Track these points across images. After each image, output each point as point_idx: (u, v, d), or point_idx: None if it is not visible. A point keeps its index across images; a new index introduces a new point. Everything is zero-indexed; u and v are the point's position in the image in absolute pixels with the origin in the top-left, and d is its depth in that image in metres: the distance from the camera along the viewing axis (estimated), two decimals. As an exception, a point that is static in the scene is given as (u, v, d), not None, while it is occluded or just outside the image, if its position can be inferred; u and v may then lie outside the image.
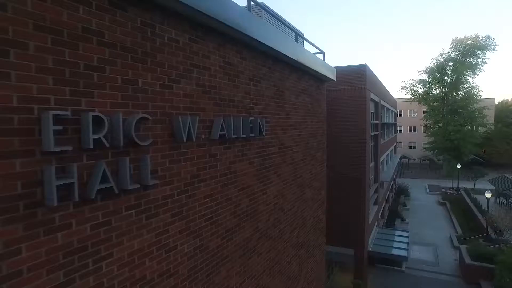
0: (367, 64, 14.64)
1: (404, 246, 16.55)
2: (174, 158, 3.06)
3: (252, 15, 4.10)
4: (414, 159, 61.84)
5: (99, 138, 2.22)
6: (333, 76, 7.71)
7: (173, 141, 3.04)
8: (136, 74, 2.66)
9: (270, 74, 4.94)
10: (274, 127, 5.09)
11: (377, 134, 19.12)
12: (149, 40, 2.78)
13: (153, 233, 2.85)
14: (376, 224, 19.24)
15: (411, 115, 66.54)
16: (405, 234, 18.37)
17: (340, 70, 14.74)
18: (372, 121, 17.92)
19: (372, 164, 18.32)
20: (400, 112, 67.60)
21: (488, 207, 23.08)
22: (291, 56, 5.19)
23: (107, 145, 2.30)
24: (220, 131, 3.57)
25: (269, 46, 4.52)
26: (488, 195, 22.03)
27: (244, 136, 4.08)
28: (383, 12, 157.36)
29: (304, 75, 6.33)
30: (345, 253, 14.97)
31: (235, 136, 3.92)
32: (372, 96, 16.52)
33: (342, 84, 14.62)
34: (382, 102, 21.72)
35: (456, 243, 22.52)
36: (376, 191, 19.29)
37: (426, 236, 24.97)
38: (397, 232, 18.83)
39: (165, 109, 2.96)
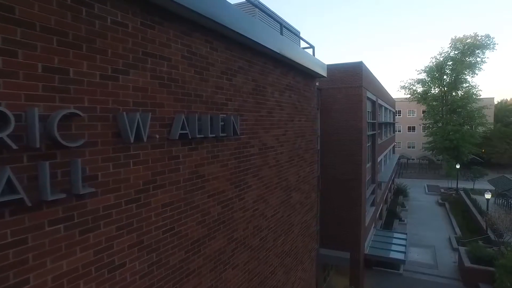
0: (365, 62, 14.21)
1: (402, 249, 16.12)
2: (120, 161, 2.61)
3: (223, 0, 3.65)
4: (413, 159, 61.46)
5: (1, 138, 1.78)
6: (323, 72, 7.26)
7: (119, 142, 2.59)
8: (65, 61, 2.22)
9: (249, 68, 4.49)
10: (254, 126, 4.64)
11: (374, 133, 18.69)
12: (85, 22, 2.34)
13: (91, 250, 2.40)
14: (373, 225, 18.81)
15: (410, 115, 66.17)
16: (403, 236, 17.94)
17: (335, 68, 14.32)
18: (369, 121, 17.48)
19: (369, 165, 17.89)
20: (399, 112, 67.19)
21: (487, 208, 22.65)
22: (272, 49, 4.75)
23: (15, 147, 1.85)
24: (181, 130, 3.13)
25: (246, 37, 4.07)
26: (488, 196, 21.61)
27: (214, 135, 3.64)
28: (383, 13, 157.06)
29: (290, 70, 5.88)
30: (340, 256, 14.53)
31: (202, 136, 3.47)
32: (369, 94, 16.08)
33: (338, 82, 14.19)
34: (380, 101, 21.28)
35: (455, 244, 22.11)
36: (373, 192, 18.86)
37: (424, 237, 24.56)
38: (395, 234, 18.40)
39: (107, 104, 2.51)
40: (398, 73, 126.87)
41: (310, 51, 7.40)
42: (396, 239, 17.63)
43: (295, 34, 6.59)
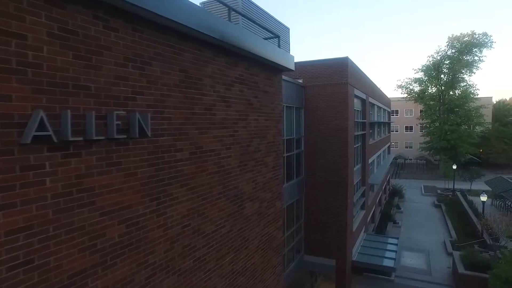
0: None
1: (392, 255, 15.33)
2: None
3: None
4: (411, 159, 60.69)
5: None
6: (289, 65, 6.48)
7: None
8: None
9: (173, 55, 3.71)
10: (182, 126, 3.86)
11: (364, 133, 17.91)
12: None
13: None
14: (363, 230, 18.03)
15: (407, 115, 65.39)
16: (394, 241, 17.15)
17: (320, 64, 13.55)
18: (358, 120, 16.71)
19: (358, 166, 17.12)
20: (397, 112, 66.45)
21: (483, 211, 21.84)
22: (209, 34, 3.97)
23: None
24: (39, 131, 2.34)
25: (165, 17, 3.30)
26: (484, 198, 20.82)
27: (105, 138, 2.85)
28: (382, 13, 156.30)
29: (241, 60, 5.10)
30: (325, 263, 13.75)
31: (86, 139, 2.69)
32: (357, 92, 15.30)
33: (322, 79, 13.43)
34: (371, 100, 20.51)
35: (450, 249, 21.32)
36: (363, 194, 18.08)
37: (419, 241, 23.78)
38: (386, 239, 17.59)
39: None
40: (398, 73, 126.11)
41: (286, 43, 6.63)
42: (387, 244, 16.84)
43: (251, 20, 5.79)
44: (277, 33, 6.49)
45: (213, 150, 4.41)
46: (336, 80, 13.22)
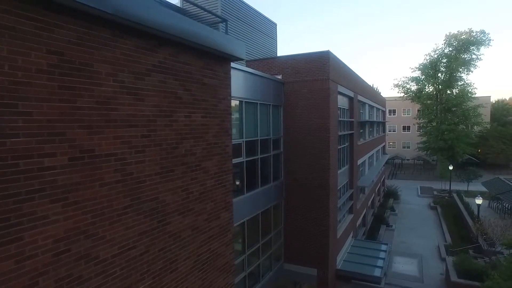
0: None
1: (380, 263, 14.41)
2: None
3: None
4: (408, 160, 59.77)
5: None
6: (237, 53, 5.57)
7: None
8: None
9: (37, 31, 2.82)
10: (54, 124, 2.96)
11: (352, 133, 17.01)
12: None
13: None
14: (351, 235, 17.12)
15: (405, 114, 64.55)
16: (384, 247, 16.24)
17: (300, 58, 12.66)
18: (344, 119, 15.81)
19: (345, 168, 16.22)
20: (394, 111, 65.64)
21: (478, 214, 20.90)
22: (95, 6, 3.08)
23: None
24: None
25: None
26: (479, 201, 19.90)
27: None
28: (381, 13, 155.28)
29: (164, 44, 4.19)
30: (306, 273, 12.85)
31: None
32: (342, 89, 14.40)
33: (302, 75, 12.55)
34: (361, 98, 19.62)
35: (444, 254, 20.40)
36: (351, 198, 17.18)
37: (412, 245, 22.86)
38: (375, 245, 16.68)
39: None
40: (398, 73, 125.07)
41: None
42: (376, 251, 15.93)
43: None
44: (223, 17, 5.59)
45: (113, 154, 3.51)
46: (317, 76, 12.32)
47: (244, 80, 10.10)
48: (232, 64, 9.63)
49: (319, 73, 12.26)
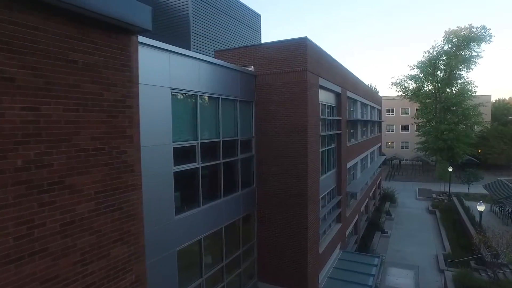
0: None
1: (370, 281, 12.60)
2: None
3: None
4: (407, 160, 57.98)
5: None
6: (136, 20, 3.76)
7: None
8: None
9: None
10: None
11: (340, 133, 15.22)
12: None
13: None
14: (339, 246, 15.33)
15: (403, 113, 62.79)
16: (375, 261, 14.43)
17: (274, 46, 10.86)
18: (329, 117, 14.02)
19: (331, 172, 14.43)
20: (392, 110, 63.93)
21: (481, 222, 19.06)
22: None
23: None
24: None
25: None
26: (481, 208, 18.11)
27: None
28: (381, 12, 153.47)
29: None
30: (282, 295, 11.05)
31: None
32: (325, 83, 12.61)
33: (276, 65, 10.76)
34: (351, 95, 17.82)
35: (442, 265, 18.60)
36: (339, 205, 15.38)
37: (408, 254, 21.06)
38: (366, 259, 14.86)
39: None
40: (398, 72, 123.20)
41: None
42: (367, 265, 14.12)
43: None
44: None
45: None
46: (292, 67, 10.52)
47: (197, 70, 8.30)
48: (178, 49, 7.85)
49: (295, 64, 10.45)
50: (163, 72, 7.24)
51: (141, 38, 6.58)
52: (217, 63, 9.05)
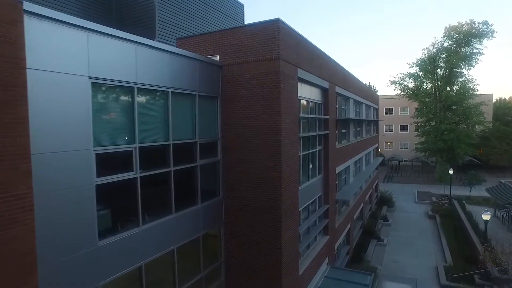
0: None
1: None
2: None
3: None
4: (406, 161, 56.17)
5: None
6: None
7: None
8: None
9: None
10: None
11: (327, 134, 13.46)
12: None
13: None
14: (326, 261, 13.55)
15: (402, 113, 61.01)
16: (367, 280, 12.64)
17: (241, 32, 9.07)
18: (313, 116, 12.26)
19: (316, 179, 12.67)
20: (391, 110, 62.17)
21: (486, 233, 17.24)
22: None
23: None
24: None
25: None
26: (486, 217, 16.32)
27: None
28: (380, 11, 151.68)
29: None
30: (253, 326, 9.28)
31: None
32: (307, 76, 10.85)
33: (244, 54, 9.01)
34: (342, 91, 16.07)
35: (443, 279, 16.83)
36: (326, 215, 13.62)
37: (406, 265, 19.27)
38: (357, 277, 13.05)
39: None
40: (398, 70, 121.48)
41: None
42: (356, 284, 12.36)
43: None
44: None
45: None
46: (263, 55, 8.75)
47: (133, 57, 6.54)
48: (100, 27, 5.94)
49: (266, 51, 8.68)
50: (77, 57, 5.48)
51: (40, 9, 4.84)
52: (163, 48, 7.28)
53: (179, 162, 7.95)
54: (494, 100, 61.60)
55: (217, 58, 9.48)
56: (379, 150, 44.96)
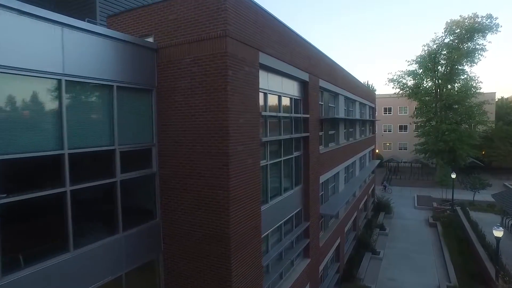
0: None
1: None
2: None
3: None
4: (405, 162, 53.80)
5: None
6: None
7: None
8: None
9: None
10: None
11: (307, 137, 11.21)
12: None
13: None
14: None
15: (401, 112, 58.69)
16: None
17: (184, 1, 6.85)
18: (287, 114, 10.00)
19: (293, 191, 10.41)
20: (390, 109, 59.91)
21: (498, 252, 14.85)
22: None
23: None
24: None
25: None
26: (499, 233, 13.99)
27: None
28: (380, 10, 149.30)
29: None
30: None
31: None
32: (275, 63, 8.59)
33: (185, 32, 6.77)
34: (328, 85, 13.81)
35: (447, 303, 14.65)
36: (306, 235, 11.36)
37: (404, 284, 16.92)
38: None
39: None
40: (397, 69, 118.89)
41: None
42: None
43: None
44: None
45: None
46: (206, 31, 6.50)
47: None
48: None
49: (210, 26, 6.44)
50: None
51: None
52: (40, 15, 4.99)
53: (83, 179, 5.68)
54: (496, 99, 59.32)
55: (151, 39, 7.23)
56: (377, 151, 42.74)
